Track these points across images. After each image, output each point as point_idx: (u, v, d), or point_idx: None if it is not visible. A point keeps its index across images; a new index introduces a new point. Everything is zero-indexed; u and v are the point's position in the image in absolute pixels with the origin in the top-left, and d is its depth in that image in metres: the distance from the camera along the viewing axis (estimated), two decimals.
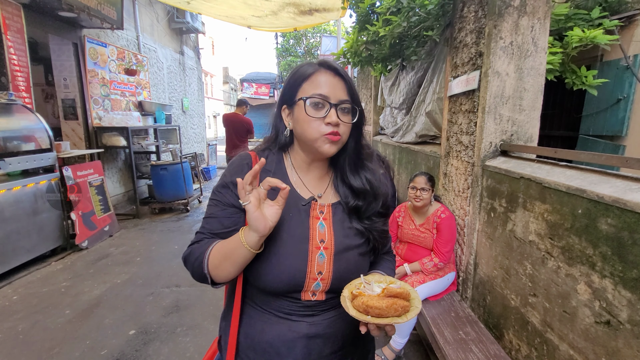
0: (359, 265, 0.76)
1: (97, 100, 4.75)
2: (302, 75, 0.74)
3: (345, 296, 0.65)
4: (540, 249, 1.40)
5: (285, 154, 0.82)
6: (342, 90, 0.73)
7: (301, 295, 0.72)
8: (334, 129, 0.70)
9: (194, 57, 8.53)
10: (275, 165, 0.79)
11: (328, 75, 0.73)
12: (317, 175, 0.81)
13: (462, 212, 2.11)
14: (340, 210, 0.78)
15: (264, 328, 0.74)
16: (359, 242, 0.76)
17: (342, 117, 0.71)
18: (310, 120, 0.71)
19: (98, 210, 3.93)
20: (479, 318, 1.86)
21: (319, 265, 0.71)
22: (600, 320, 1.10)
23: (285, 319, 0.73)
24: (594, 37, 2.48)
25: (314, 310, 0.73)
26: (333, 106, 0.70)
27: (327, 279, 0.72)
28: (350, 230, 0.76)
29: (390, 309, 0.60)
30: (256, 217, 0.61)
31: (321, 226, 0.75)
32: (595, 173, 1.25)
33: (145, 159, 5.73)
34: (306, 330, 0.72)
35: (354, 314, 0.61)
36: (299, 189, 0.78)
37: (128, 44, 5.50)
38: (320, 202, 0.77)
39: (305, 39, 19.42)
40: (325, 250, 0.73)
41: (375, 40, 3.08)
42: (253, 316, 0.76)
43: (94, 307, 2.47)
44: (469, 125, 2.04)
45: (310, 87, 0.72)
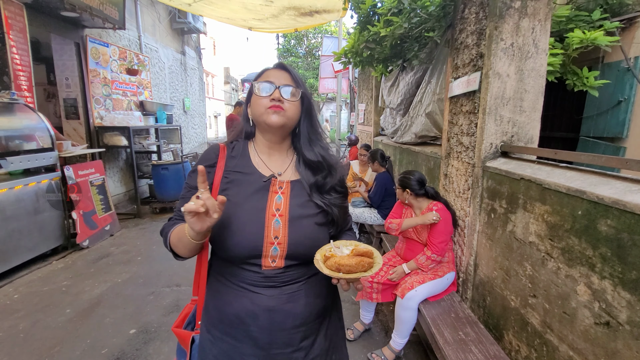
0: (315, 233, 0.84)
1: (99, 99, 4.76)
2: (260, 72, 0.91)
3: (318, 259, 0.74)
4: (540, 250, 1.40)
5: (250, 142, 0.95)
6: (286, 78, 0.87)
7: (262, 262, 0.79)
8: (276, 103, 0.82)
9: (195, 57, 8.54)
10: (241, 151, 0.91)
11: (276, 70, 0.89)
12: (278, 157, 0.92)
13: (463, 213, 2.11)
14: (299, 187, 0.87)
15: (230, 301, 0.81)
16: (314, 212, 0.85)
17: (286, 97, 0.84)
18: (258, 99, 0.84)
19: (99, 210, 3.94)
20: (479, 319, 1.86)
21: (275, 230, 0.80)
22: (600, 321, 1.11)
23: (248, 290, 0.80)
24: (595, 39, 2.48)
25: (274, 282, 0.80)
26: (277, 87, 0.84)
27: (283, 243, 0.79)
28: (308, 203, 0.85)
29: (359, 266, 0.69)
30: (192, 222, 0.68)
31: (278, 198, 0.84)
32: (595, 174, 1.25)
33: (146, 158, 5.75)
34: (266, 303, 0.79)
35: (327, 272, 0.69)
36: (261, 169, 0.89)
37: (130, 44, 5.51)
38: (280, 179, 0.88)
39: (307, 39, 19.43)
40: (281, 217, 0.81)
41: (376, 41, 3.08)
42: (220, 290, 0.85)
43: (94, 306, 2.47)
44: (470, 127, 2.05)
45: (262, 78, 0.88)
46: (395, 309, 1.94)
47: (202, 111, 9.12)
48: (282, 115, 0.83)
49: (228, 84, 29.18)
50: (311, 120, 0.92)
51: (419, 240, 2.09)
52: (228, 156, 0.90)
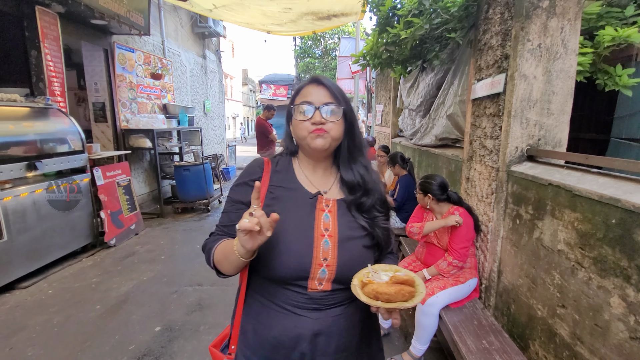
0: (363, 256, 0.80)
1: (125, 103, 4.95)
2: (295, 92, 0.88)
3: (355, 284, 0.70)
4: (570, 259, 1.36)
5: (294, 158, 0.92)
6: (325, 95, 0.82)
7: (308, 284, 0.76)
8: (318, 127, 0.79)
9: (215, 60, 8.73)
10: (285, 168, 0.89)
11: (313, 86, 0.84)
12: (323, 175, 0.89)
13: (486, 218, 2.07)
14: (344, 206, 0.85)
15: (271, 324, 0.78)
16: (361, 234, 0.82)
17: (327, 117, 0.80)
18: (299, 123, 0.81)
19: (125, 209, 4.10)
20: (503, 327, 1.82)
21: (324, 251, 0.76)
22: (636, 335, 1.06)
23: (292, 312, 0.77)
24: (628, 36, 2.36)
25: (319, 304, 0.77)
26: (317, 108, 0.80)
27: (332, 265, 0.76)
28: (354, 224, 0.82)
29: (399, 295, 0.65)
30: (244, 240, 0.66)
31: (326, 217, 0.81)
32: (630, 181, 1.20)
33: (168, 159, 5.93)
34: (310, 326, 0.76)
35: (365, 299, 0.65)
36: (307, 186, 0.86)
37: (154, 48, 5.70)
38: (326, 196, 0.85)
39: (324, 40, 19.47)
40: (330, 237, 0.78)
41: (395, 42, 3.05)
42: (261, 312, 0.81)
43: (122, 303, 2.58)
44: (494, 129, 2.00)
45: (300, 98, 0.84)
46: (416, 314, 1.92)
47: (221, 113, 9.31)
48: (326, 138, 0.80)
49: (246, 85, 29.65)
50: (353, 137, 0.87)
51: (439, 245, 2.06)
52: (273, 170, 0.88)
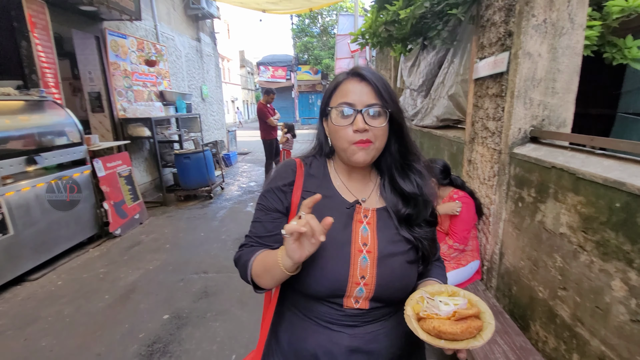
0: (406, 273, 0.73)
1: (121, 92, 4.88)
2: (332, 86, 0.76)
3: (410, 315, 0.62)
4: (572, 242, 1.35)
5: (329, 160, 0.83)
6: (369, 94, 0.71)
7: (343, 302, 0.71)
8: (362, 137, 0.69)
9: (210, 43, 8.52)
10: (320, 171, 0.80)
11: (354, 82, 0.72)
12: (361, 180, 0.81)
13: (488, 200, 2.05)
14: (385, 217, 0.76)
15: (305, 336, 0.73)
16: (405, 249, 0.74)
17: (371, 122, 0.70)
18: (339, 130, 0.71)
19: (128, 199, 4.12)
20: (504, 308, 1.84)
21: (362, 269, 0.70)
22: (637, 318, 1.06)
23: (326, 327, 0.72)
24: (639, 6, 2.26)
25: (356, 321, 0.72)
26: (359, 112, 0.69)
27: (370, 284, 0.70)
28: (396, 237, 0.75)
29: (465, 333, 0.57)
30: (292, 249, 0.60)
31: (364, 230, 0.74)
32: (636, 164, 1.17)
33: (168, 148, 5.90)
34: (347, 343, 0.71)
35: (425, 337, 0.58)
36: (343, 193, 0.78)
37: (147, 34, 5.55)
38: (365, 206, 0.77)
39: (321, 17, 18.88)
40: (369, 254, 0.71)
41: (395, 21, 2.94)
42: (295, 323, 0.76)
43: (130, 292, 2.64)
44: (496, 110, 1.95)
45: (338, 97, 0.73)
46: None
47: (219, 97, 9.17)
48: (369, 151, 0.71)
49: (244, 68, 29.10)
50: (403, 140, 0.77)
51: (440, 229, 2.06)
52: (306, 174, 0.79)
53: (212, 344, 2.03)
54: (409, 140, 0.78)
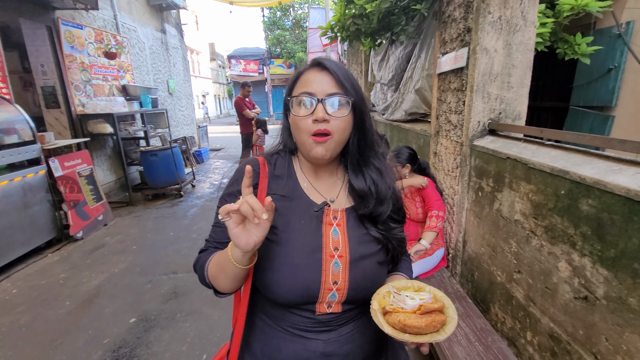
0: (377, 274, 0.73)
1: (79, 86, 4.58)
2: (294, 77, 0.73)
3: (375, 310, 0.63)
4: (525, 228, 1.43)
5: (295, 157, 0.79)
6: (330, 83, 0.68)
7: (316, 308, 0.69)
8: (320, 127, 0.66)
9: (176, 35, 8.17)
10: (285, 171, 0.76)
11: (315, 71, 0.70)
12: (328, 179, 0.78)
13: (452, 191, 2.13)
14: (354, 216, 0.74)
15: (280, 346, 0.71)
16: (375, 250, 0.73)
17: (332, 112, 0.67)
18: (299, 120, 0.68)
19: (90, 200, 3.90)
20: (467, 293, 1.94)
21: (334, 274, 0.68)
22: (579, 295, 1.15)
23: (300, 336, 0.70)
24: (586, 5, 2.41)
25: (330, 326, 0.70)
26: (319, 101, 0.66)
27: (343, 289, 0.68)
28: (366, 237, 0.73)
29: (430, 327, 0.58)
30: (235, 234, 0.57)
31: (335, 233, 0.71)
32: (579, 153, 1.25)
33: (134, 145, 5.63)
34: (322, 349, 0.69)
35: (390, 331, 0.59)
36: (311, 194, 0.75)
37: (105, 24, 5.23)
38: (334, 207, 0.74)
39: (293, 10, 18.63)
40: (340, 258, 0.69)
41: (362, 15, 2.96)
42: (267, 333, 0.73)
43: (93, 297, 2.51)
44: (458, 104, 2.02)
45: (299, 87, 0.71)
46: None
47: (188, 92, 8.85)
48: (328, 144, 0.68)
49: (214, 61, 28.23)
50: (364, 135, 0.74)
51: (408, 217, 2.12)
52: (271, 175, 0.75)
53: (182, 344, 1.99)
54: (370, 134, 0.75)
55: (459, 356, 1.41)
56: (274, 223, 0.69)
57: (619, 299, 1.00)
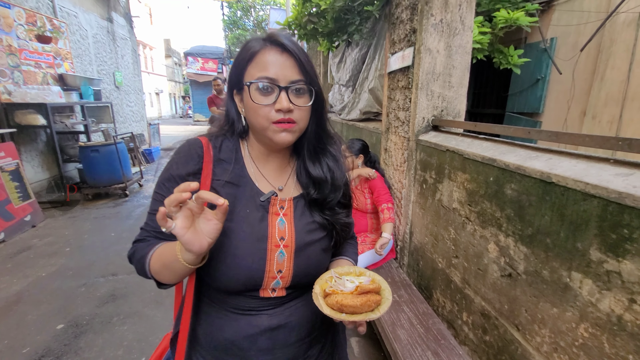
0: (321, 260, 0.73)
1: (4, 72, 4.08)
2: (247, 55, 0.65)
3: (317, 293, 0.64)
4: (461, 215, 1.53)
5: (242, 141, 0.74)
6: (293, 68, 0.64)
7: (260, 293, 0.68)
8: (285, 116, 0.63)
9: (125, 26, 7.65)
10: (232, 155, 0.71)
11: (275, 52, 0.63)
12: (278, 165, 0.75)
13: (400, 185, 2.22)
14: (302, 205, 0.73)
15: (222, 325, 0.69)
16: (320, 236, 0.73)
17: (295, 101, 0.64)
18: (258, 108, 0.63)
19: (15, 199, 3.47)
20: (413, 282, 2.02)
21: (279, 263, 0.67)
22: (504, 273, 1.25)
23: (244, 314, 0.69)
24: (517, 19, 2.68)
25: (274, 304, 0.70)
26: (283, 89, 0.62)
27: (287, 276, 0.68)
28: (312, 225, 0.72)
29: (364, 306, 0.60)
30: (188, 240, 0.53)
31: (281, 223, 0.69)
32: (505, 144, 1.37)
33: (72, 139, 5.14)
34: (267, 323, 0.69)
35: (328, 312, 0.61)
36: (258, 181, 0.71)
37: (39, 5, 4.74)
38: (281, 196, 0.72)
39: (254, 11, 18.42)
40: (286, 248, 0.68)
41: (319, 14, 3.00)
42: (210, 313, 0.71)
43: (12, 304, 2.22)
44: (405, 102, 2.12)
45: (256, 69, 0.63)
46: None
47: (138, 87, 8.31)
48: (294, 132, 0.66)
49: (170, 58, 26.91)
50: (320, 122, 0.72)
51: (357, 208, 2.17)
52: (215, 159, 0.69)
53: (118, 348, 1.83)
54: (325, 122, 0.74)
55: (402, 338, 1.46)
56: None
57: (535, 272, 1.10)
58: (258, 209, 0.68)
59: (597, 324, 0.89)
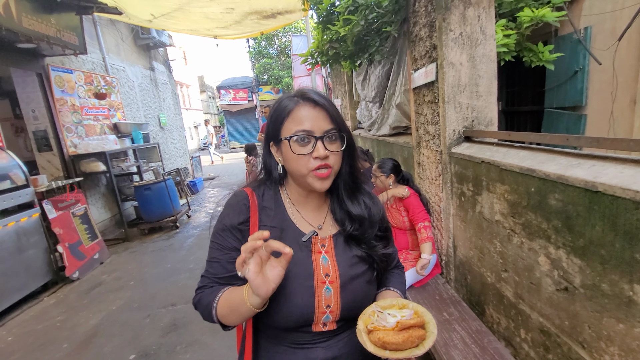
0: (367, 293, 0.77)
1: (70, 128, 4.68)
2: (283, 112, 0.73)
3: (360, 329, 0.66)
4: (505, 227, 1.49)
5: (281, 187, 0.82)
6: (325, 119, 0.71)
7: (312, 328, 0.73)
8: (322, 162, 0.70)
9: (165, 72, 8.42)
10: (273, 202, 0.79)
11: (308, 107, 0.72)
12: (315, 206, 0.81)
13: (437, 198, 2.20)
14: (341, 241, 0.78)
15: (282, 359, 0.75)
16: (363, 270, 0.77)
17: (330, 147, 0.71)
18: (298, 158, 0.71)
19: (85, 239, 3.90)
20: (462, 298, 1.96)
21: (326, 299, 0.72)
22: (560, 287, 1.20)
23: (300, 348, 0.74)
24: (543, 16, 2.59)
25: (328, 336, 0.74)
26: (318, 139, 0.70)
27: (335, 311, 0.73)
28: (353, 259, 0.77)
29: (407, 342, 0.61)
30: (257, 285, 0.60)
31: (324, 260, 0.75)
32: (543, 152, 1.34)
33: (127, 180, 5.68)
34: (323, 355, 0.73)
35: (372, 349, 0.61)
36: (298, 223, 0.78)
37: (95, 66, 5.41)
38: (321, 235, 0.78)
39: (277, 39, 19.31)
40: (331, 284, 0.73)
41: (338, 39, 3.13)
42: (269, 349, 0.77)
43: (91, 337, 2.48)
44: (433, 115, 2.12)
45: (293, 124, 0.71)
46: None
47: (179, 125, 9.01)
48: (330, 176, 0.73)
49: (204, 93, 28.82)
50: (353, 163, 0.79)
51: (395, 225, 2.17)
52: (260, 207, 0.77)
53: None
54: (357, 164, 0.81)
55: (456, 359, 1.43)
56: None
57: (593, 286, 1.05)
58: (302, 249, 0.75)
59: None
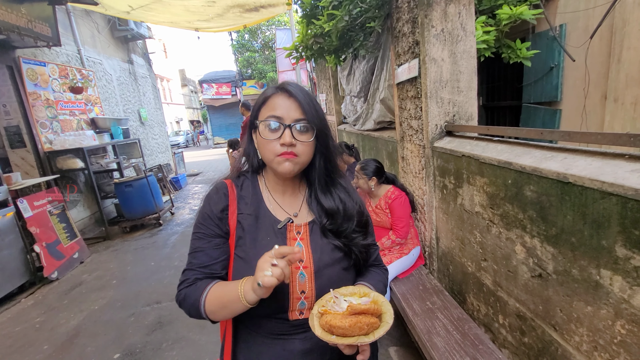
0: (342, 280, 0.77)
1: (45, 123, 4.49)
2: (261, 99, 0.78)
3: (313, 313, 0.64)
4: (485, 218, 1.55)
5: (260, 176, 0.85)
6: (297, 110, 0.74)
7: (289, 315, 0.74)
8: (288, 149, 0.72)
9: (144, 65, 8.17)
10: (251, 190, 0.81)
11: (283, 97, 0.75)
12: (291, 193, 0.83)
13: (421, 191, 2.25)
14: (317, 228, 0.80)
15: (260, 351, 0.76)
16: (339, 257, 0.78)
17: (299, 137, 0.73)
18: (266, 142, 0.74)
19: (64, 239, 3.77)
20: (445, 287, 2.03)
21: (301, 284, 0.73)
22: (535, 274, 1.26)
23: (278, 339, 0.75)
24: (521, 13, 2.67)
25: (305, 327, 0.74)
26: (287, 127, 0.72)
27: (310, 296, 0.74)
28: (328, 246, 0.78)
29: (354, 328, 0.57)
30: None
31: (299, 246, 0.76)
32: (520, 145, 1.39)
33: (107, 177, 5.51)
34: (300, 347, 0.74)
35: (319, 333, 0.59)
36: (274, 210, 0.80)
37: (69, 59, 5.19)
38: (296, 222, 0.79)
39: (261, 32, 19.01)
40: (305, 269, 0.74)
41: (323, 34, 3.12)
42: (249, 341, 0.78)
43: (73, 337, 2.42)
44: (416, 110, 2.16)
45: (267, 110, 0.76)
46: None
47: (160, 119, 8.78)
48: (295, 162, 0.74)
49: (186, 87, 28.17)
50: (329, 157, 0.80)
51: (378, 226, 2.20)
52: (238, 196, 0.80)
53: None
54: (334, 157, 0.82)
55: (439, 346, 1.48)
56: (244, 241, 0.76)
57: (564, 271, 1.11)
58: (277, 236, 0.77)
59: (632, 320, 0.90)
